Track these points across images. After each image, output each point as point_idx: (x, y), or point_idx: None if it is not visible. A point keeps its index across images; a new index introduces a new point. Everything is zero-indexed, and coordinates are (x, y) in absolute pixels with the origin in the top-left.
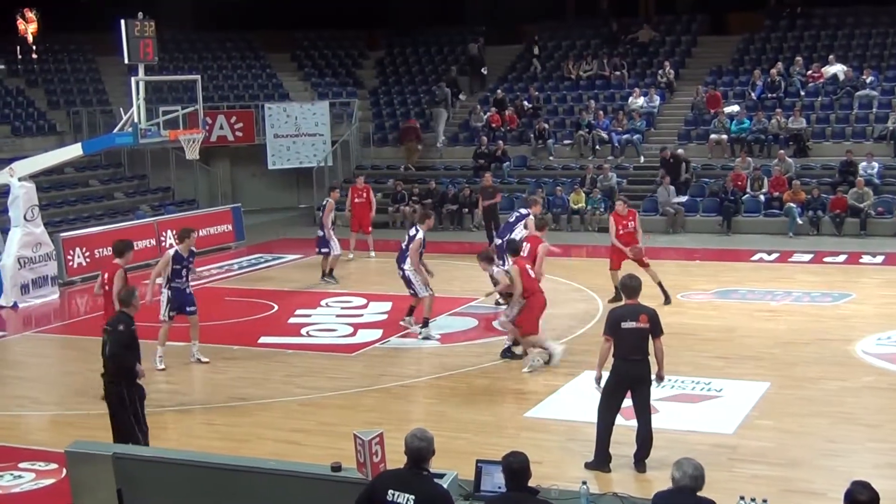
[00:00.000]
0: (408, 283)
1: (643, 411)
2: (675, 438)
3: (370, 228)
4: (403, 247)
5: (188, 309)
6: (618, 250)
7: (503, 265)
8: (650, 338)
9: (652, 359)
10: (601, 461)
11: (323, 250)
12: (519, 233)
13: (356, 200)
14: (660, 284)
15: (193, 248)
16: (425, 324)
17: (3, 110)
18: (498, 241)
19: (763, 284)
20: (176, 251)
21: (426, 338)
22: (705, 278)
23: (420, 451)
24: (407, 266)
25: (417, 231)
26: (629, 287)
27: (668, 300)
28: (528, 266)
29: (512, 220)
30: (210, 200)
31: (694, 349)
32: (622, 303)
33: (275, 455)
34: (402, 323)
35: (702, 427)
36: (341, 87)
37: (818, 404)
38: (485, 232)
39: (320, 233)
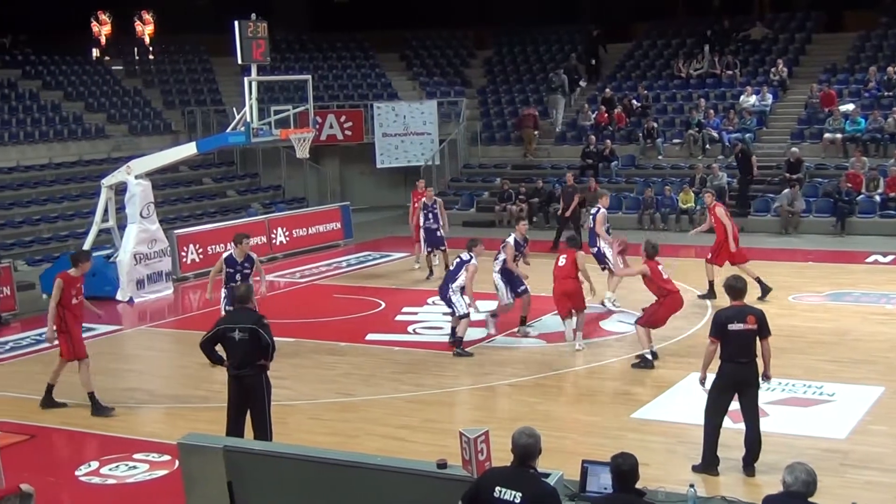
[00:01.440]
0: (448, 303)
1: (751, 414)
2: (786, 443)
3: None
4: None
5: None
6: (716, 246)
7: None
8: (757, 339)
9: (759, 360)
10: (709, 464)
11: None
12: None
13: (416, 205)
14: (711, 283)
15: (251, 254)
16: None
17: (122, 110)
18: (593, 250)
19: (878, 287)
20: (229, 254)
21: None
22: (818, 280)
23: (527, 448)
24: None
25: (471, 258)
26: (735, 288)
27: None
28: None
29: (592, 224)
30: (319, 198)
31: (805, 352)
32: (728, 304)
33: (381, 451)
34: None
35: (813, 431)
36: (449, 87)
37: None
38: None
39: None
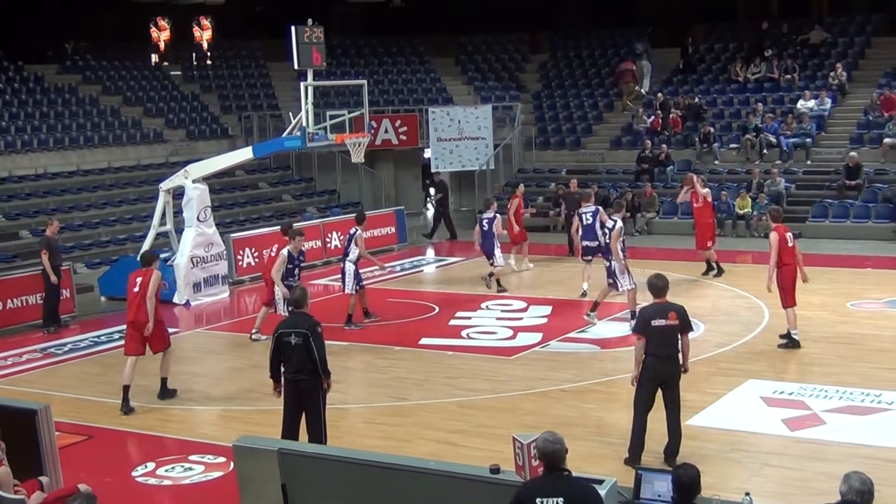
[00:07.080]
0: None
1: (673, 407)
2: (844, 452)
3: None
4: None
5: None
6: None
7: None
8: (679, 335)
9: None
10: (636, 456)
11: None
12: None
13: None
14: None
15: (303, 249)
16: None
17: (179, 115)
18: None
19: None
20: (288, 251)
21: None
22: (877, 287)
23: (556, 453)
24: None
25: (616, 221)
26: (656, 286)
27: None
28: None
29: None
30: (374, 203)
31: (863, 360)
32: (651, 301)
33: (433, 455)
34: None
35: (872, 441)
36: (504, 91)
37: None
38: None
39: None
